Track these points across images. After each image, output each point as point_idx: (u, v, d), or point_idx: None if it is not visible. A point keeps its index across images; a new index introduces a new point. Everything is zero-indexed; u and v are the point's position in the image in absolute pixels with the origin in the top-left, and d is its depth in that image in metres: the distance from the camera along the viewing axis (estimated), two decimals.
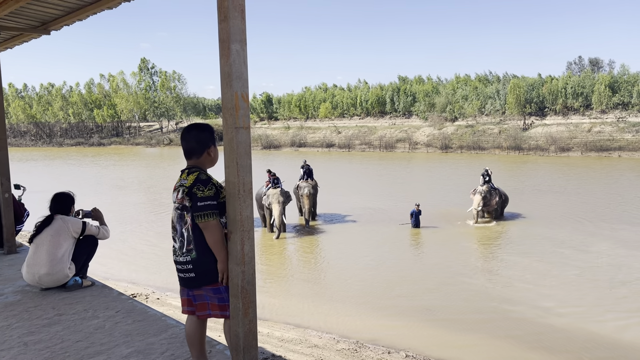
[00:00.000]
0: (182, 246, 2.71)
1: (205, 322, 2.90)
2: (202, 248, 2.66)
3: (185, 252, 2.70)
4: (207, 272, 2.68)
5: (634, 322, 7.79)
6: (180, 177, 2.75)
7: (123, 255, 12.13)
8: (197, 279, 2.70)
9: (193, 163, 2.78)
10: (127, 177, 30.32)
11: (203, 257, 2.67)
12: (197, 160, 2.78)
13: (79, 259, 4.75)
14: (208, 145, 2.78)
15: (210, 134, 2.82)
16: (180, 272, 2.75)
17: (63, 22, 5.47)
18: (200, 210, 2.61)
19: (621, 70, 44.09)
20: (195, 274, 2.69)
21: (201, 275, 2.69)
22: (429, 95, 50.44)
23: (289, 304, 9.03)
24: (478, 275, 10.31)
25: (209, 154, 2.78)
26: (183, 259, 2.71)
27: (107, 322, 3.88)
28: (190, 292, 2.77)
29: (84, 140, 69.59)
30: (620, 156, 36.44)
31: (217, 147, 2.82)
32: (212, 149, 2.78)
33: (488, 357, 6.83)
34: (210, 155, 2.79)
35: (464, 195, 18.52)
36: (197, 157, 2.77)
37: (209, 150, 2.77)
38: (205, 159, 2.78)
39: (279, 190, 14.37)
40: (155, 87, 71.24)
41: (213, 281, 2.69)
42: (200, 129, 2.82)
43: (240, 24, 2.60)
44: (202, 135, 2.79)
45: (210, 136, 2.81)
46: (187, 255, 2.69)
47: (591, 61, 55.53)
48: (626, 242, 12.46)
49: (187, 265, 2.70)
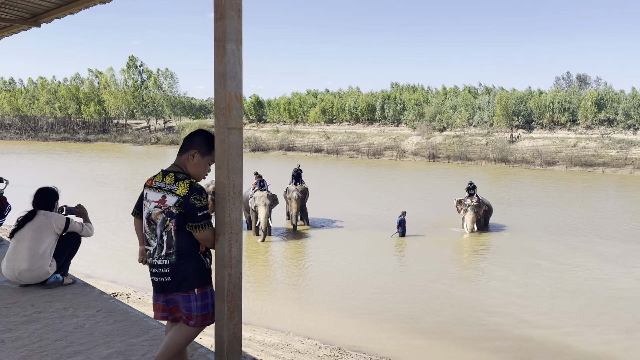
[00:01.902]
0: (161, 249, 2.59)
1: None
2: (182, 254, 2.57)
3: (163, 256, 2.58)
4: (183, 278, 2.57)
5: (607, 335, 7.88)
6: (162, 178, 2.62)
7: (105, 253, 11.97)
8: (172, 284, 2.59)
9: (176, 161, 2.69)
10: (112, 174, 30.00)
11: (182, 263, 2.57)
12: (179, 159, 2.69)
13: (61, 255, 4.66)
14: (192, 147, 2.67)
15: (202, 142, 2.69)
16: (154, 276, 2.64)
17: (54, 14, 5.39)
18: (200, 221, 2.56)
19: (605, 89, 44.79)
20: (172, 279, 2.58)
21: (177, 281, 2.58)
22: (419, 104, 50.73)
23: (271, 308, 8.97)
24: (460, 285, 10.36)
25: (191, 157, 2.67)
26: (161, 262, 2.59)
27: (87, 322, 3.80)
28: (164, 297, 2.68)
29: (69, 136, 68.67)
30: (604, 172, 36.95)
31: (205, 160, 2.69)
32: (194, 153, 2.66)
33: None
34: (193, 159, 2.66)
35: (450, 205, 18.61)
36: (180, 155, 2.70)
37: (192, 153, 2.66)
38: (186, 160, 2.67)
39: (265, 193, 14.30)
40: (144, 84, 70.69)
41: (188, 289, 2.59)
42: (200, 133, 2.75)
43: (236, 23, 2.57)
44: (195, 138, 2.72)
45: (200, 143, 2.68)
46: (166, 259, 2.58)
47: (579, 77, 56.37)
48: (604, 256, 12.65)
49: (164, 269, 2.59)
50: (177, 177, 2.60)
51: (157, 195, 2.61)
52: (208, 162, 2.72)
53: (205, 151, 2.69)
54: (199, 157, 2.67)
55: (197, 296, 2.61)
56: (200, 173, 2.71)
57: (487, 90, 51.83)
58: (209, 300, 2.67)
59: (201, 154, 2.68)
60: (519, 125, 44.72)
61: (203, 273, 2.65)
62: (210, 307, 2.68)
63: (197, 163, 2.68)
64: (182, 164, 2.69)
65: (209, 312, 2.67)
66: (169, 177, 2.60)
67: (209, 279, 2.70)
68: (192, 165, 2.67)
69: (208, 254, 2.72)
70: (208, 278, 2.69)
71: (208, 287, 2.68)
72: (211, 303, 2.69)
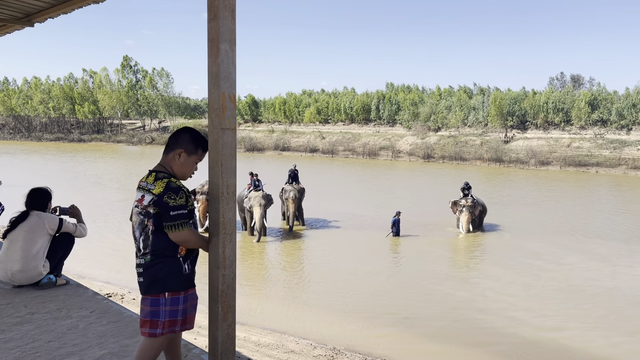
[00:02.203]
0: (139, 249, 2.57)
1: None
2: (157, 255, 2.51)
3: (140, 256, 2.57)
4: (154, 280, 2.50)
5: (598, 334, 7.93)
6: (146, 178, 2.59)
7: (99, 254, 11.93)
8: (143, 285, 2.55)
9: (162, 161, 2.64)
10: (106, 174, 29.89)
11: (155, 264, 2.51)
12: (165, 158, 2.63)
13: (54, 256, 4.64)
14: (178, 146, 2.61)
15: (188, 141, 2.63)
16: (137, 276, 2.63)
17: (47, 14, 5.37)
18: (173, 220, 2.47)
19: (598, 89, 45.04)
20: (144, 279, 2.54)
21: (147, 282, 2.52)
22: (414, 105, 50.84)
23: (266, 308, 8.97)
24: (455, 284, 10.39)
25: (177, 156, 2.60)
26: (138, 261, 2.58)
27: (80, 322, 3.79)
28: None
29: (63, 136, 68.33)
30: (597, 172, 37.14)
31: (191, 159, 2.63)
32: (180, 152, 2.60)
33: None
34: (179, 159, 2.60)
35: (444, 205, 18.66)
36: (166, 154, 2.63)
37: (178, 152, 2.60)
38: (172, 159, 2.61)
39: (260, 193, 14.29)
40: (139, 84, 70.44)
41: (158, 292, 2.50)
42: (185, 131, 2.68)
43: (230, 23, 2.57)
44: (181, 136, 2.65)
45: (185, 142, 2.62)
46: (142, 258, 2.55)
47: (572, 77, 56.65)
48: (596, 255, 12.73)
49: (139, 268, 2.56)
50: (157, 176, 2.55)
51: (138, 195, 2.59)
52: (195, 161, 2.67)
53: (192, 150, 2.63)
54: (185, 156, 2.62)
55: (167, 300, 2.51)
56: (186, 172, 2.66)
57: (482, 90, 51.97)
58: (179, 306, 2.55)
59: (187, 153, 2.62)
60: (513, 126, 44.89)
61: (177, 278, 2.54)
62: (181, 315, 2.57)
63: (183, 162, 2.62)
64: (167, 164, 2.63)
65: (177, 319, 2.56)
66: (151, 177, 2.56)
67: (185, 285, 2.58)
68: (178, 164, 2.62)
69: (191, 259, 2.62)
70: (184, 284, 2.57)
71: (181, 294, 2.56)
72: (182, 310, 2.56)
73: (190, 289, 2.62)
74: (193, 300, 2.65)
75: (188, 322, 2.63)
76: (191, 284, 2.63)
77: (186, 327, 2.63)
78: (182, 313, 2.57)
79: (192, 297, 2.64)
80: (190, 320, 2.64)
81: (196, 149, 2.65)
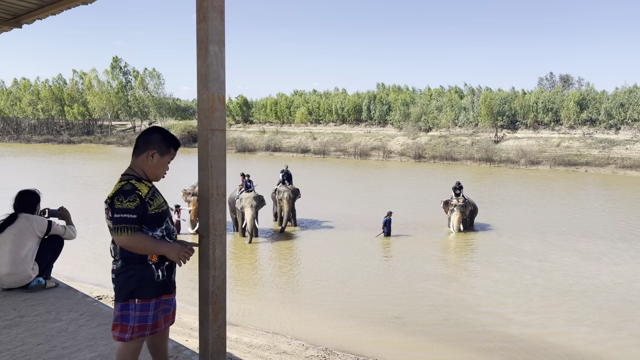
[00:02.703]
0: (112, 255, 2.56)
1: (166, 330, 2.74)
2: (126, 260, 2.47)
3: (113, 261, 2.55)
4: (123, 287, 2.47)
5: (585, 331, 8.02)
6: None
7: (89, 256, 11.86)
8: (115, 290, 2.53)
9: (132, 163, 2.59)
10: (96, 175, 29.70)
11: (125, 270, 2.47)
12: (135, 160, 2.57)
13: (44, 259, 4.61)
14: (150, 147, 2.55)
15: (159, 141, 2.57)
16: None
17: (36, 15, 5.33)
18: (115, 223, 2.39)
19: (587, 89, 45.45)
20: (115, 285, 2.52)
21: (118, 288, 2.50)
22: (405, 105, 51.00)
23: (258, 309, 8.96)
24: (446, 284, 10.45)
25: (149, 158, 2.55)
26: (112, 267, 2.56)
27: (70, 325, 3.77)
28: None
29: (52, 137, 67.83)
30: (587, 171, 37.46)
31: (164, 160, 2.59)
32: (153, 153, 2.55)
33: None
34: (152, 160, 2.55)
35: (435, 204, 18.74)
36: (136, 156, 2.57)
37: (151, 154, 2.55)
38: (144, 161, 2.55)
39: (252, 194, 14.27)
40: (129, 85, 70.04)
41: (127, 298, 2.47)
42: (156, 131, 2.62)
43: (219, 25, 2.57)
44: (151, 137, 2.59)
45: (157, 142, 2.56)
46: (115, 264, 2.53)
47: (562, 77, 57.11)
48: (586, 254, 12.86)
49: (112, 274, 2.54)
50: (121, 179, 2.51)
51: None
52: (167, 161, 2.62)
53: (164, 150, 2.58)
54: (158, 157, 2.57)
55: (137, 306, 2.48)
56: (159, 173, 2.61)
57: (472, 90, 52.24)
58: (150, 312, 2.51)
59: (160, 153, 2.57)
60: (503, 126, 45.18)
61: (148, 284, 2.49)
62: (151, 320, 2.52)
63: (156, 163, 2.57)
64: (137, 166, 2.57)
65: (147, 324, 2.51)
66: (118, 183, 2.51)
67: (158, 291, 2.52)
68: (151, 166, 2.56)
69: (167, 266, 2.56)
70: (156, 290, 2.52)
71: (152, 300, 2.51)
72: (152, 316, 2.52)
73: (164, 296, 2.57)
74: (166, 305, 2.60)
75: (159, 325, 2.58)
76: (165, 290, 2.57)
77: (156, 330, 2.58)
78: (153, 318, 2.53)
79: (165, 302, 2.59)
80: (160, 323, 2.59)
81: (168, 149, 2.61)
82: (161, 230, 2.53)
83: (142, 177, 2.55)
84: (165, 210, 2.59)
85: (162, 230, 2.54)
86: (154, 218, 2.49)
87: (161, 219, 2.53)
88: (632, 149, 37.39)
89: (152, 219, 2.49)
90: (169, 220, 2.62)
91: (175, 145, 2.65)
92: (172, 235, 2.60)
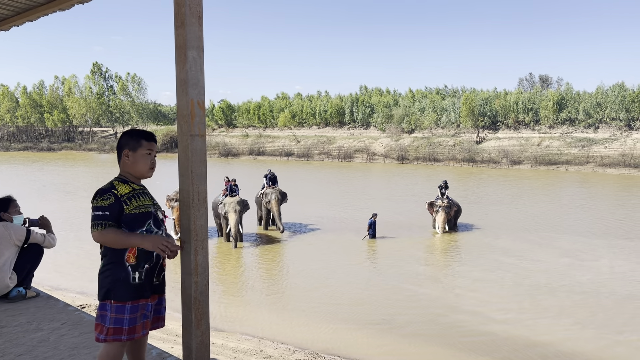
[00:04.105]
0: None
1: (144, 337, 2.75)
2: (105, 262, 2.55)
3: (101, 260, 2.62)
4: (101, 286, 2.54)
5: (566, 327, 8.14)
6: None
7: (72, 264, 11.69)
8: (98, 288, 2.58)
9: (119, 171, 2.70)
10: (77, 182, 29.31)
11: (104, 271, 2.54)
12: (120, 166, 2.68)
13: (23, 268, 4.54)
14: (122, 148, 2.65)
15: (127, 139, 2.66)
16: None
17: (12, 22, 5.26)
18: (91, 220, 2.50)
19: (566, 89, 46.24)
20: (98, 283, 2.58)
21: (98, 287, 2.56)
22: (388, 107, 51.30)
23: (244, 314, 8.93)
24: (429, 284, 10.53)
25: (125, 158, 2.64)
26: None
27: (51, 335, 3.72)
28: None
29: (32, 145, 66.85)
30: (567, 170, 38.04)
31: (139, 154, 2.63)
32: (126, 152, 2.63)
33: None
34: (128, 159, 2.63)
35: (419, 205, 18.88)
36: (119, 162, 2.69)
37: (125, 154, 2.64)
38: (124, 164, 2.66)
39: (236, 198, 14.20)
40: (110, 91, 69.35)
41: (104, 298, 2.52)
42: (124, 133, 2.72)
43: (197, 30, 2.58)
44: (121, 140, 2.69)
45: (125, 141, 2.66)
46: (101, 263, 2.61)
47: (541, 78, 58.02)
48: (563, 251, 13.13)
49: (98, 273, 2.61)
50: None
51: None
52: (144, 154, 2.64)
53: (134, 144, 2.64)
54: (132, 154, 2.63)
55: (113, 307, 2.51)
56: (141, 168, 2.65)
57: (453, 92, 52.75)
58: (125, 315, 2.51)
59: (132, 149, 2.63)
60: (485, 126, 45.68)
61: (123, 286, 2.50)
62: (127, 324, 2.52)
63: (133, 160, 2.63)
64: (123, 170, 2.67)
65: (123, 327, 2.51)
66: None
67: (133, 295, 2.53)
68: (130, 164, 2.64)
69: (146, 269, 2.56)
70: (131, 293, 2.52)
71: (127, 303, 2.52)
72: (128, 319, 2.51)
73: (141, 300, 2.56)
74: (144, 310, 2.59)
75: (136, 331, 2.56)
76: (142, 294, 2.57)
77: (133, 336, 2.57)
78: (129, 322, 2.53)
79: (143, 307, 2.58)
80: (138, 329, 2.57)
81: (138, 142, 2.65)
82: (141, 232, 2.56)
83: (130, 179, 2.63)
84: (148, 212, 2.61)
85: (143, 232, 2.57)
86: (133, 218, 2.54)
87: (141, 221, 2.57)
88: (611, 147, 38.09)
89: (131, 219, 2.54)
90: (152, 223, 2.62)
91: (145, 136, 2.68)
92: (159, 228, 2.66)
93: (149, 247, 2.51)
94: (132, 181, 2.64)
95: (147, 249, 2.53)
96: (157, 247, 2.50)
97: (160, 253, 2.53)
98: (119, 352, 2.57)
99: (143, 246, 2.51)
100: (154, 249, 2.51)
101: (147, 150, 2.65)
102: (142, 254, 2.55)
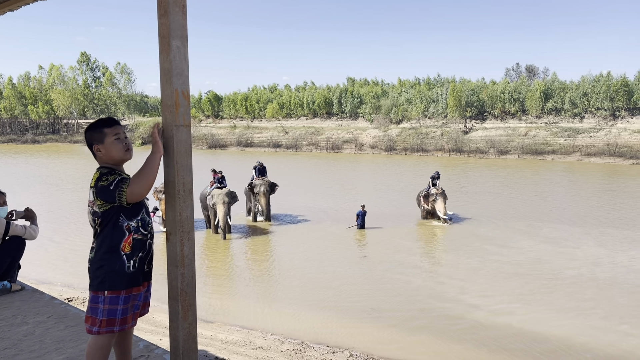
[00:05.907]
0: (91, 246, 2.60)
1: (132, 328, 2.72)
2: (99, 250, 2.50)
3: (90, 252, 2.57)
4: (95, 276, 2.49)
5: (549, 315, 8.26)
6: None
7: (59, 257, 11.59)
8: (89, 280, 2.54)
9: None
10: (62, 174, 28.99)
11: (97, 260, 2.50)
12: (98, 162, 2.64)
13: (4, 261, 4.48)
14: (91, 146, 2.61)
15: (91, 134, 2.60)
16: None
17: None
18: (114, 192, 2.44)
19: (552, 78, 46.51)
20: (89, 274, 2.54)
21: (90, 278, 2.53)
22: (376, 97, 51.27)
23: (233, 305, 8.93)
24: (416, 274, 10.62)
25: (97, 152, 2.59)
26: (89, 257, 2.58)
27: (37, 328, 3.69)
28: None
29: (16, 137, 65.89)
30: (553, 159, 38.40)
31: (107, 143, 2.56)
32: (96, 147, 2.58)
33: (427, 353, 7.02)
34: (101, 152, 2.58)
35: (407, 196, 18.97)
36: (96, 159, 2.64)
37: (95, 148, 2.59)
38: (100, 158, 2.60)
39: (224, 190, 14.14)
40: (96, 82, 68.44)
41: (97, 289, 2.48)
42: (86, 130, 2.65)
43: (181, 19, 2.54)
44: (87, 135, 2.64)
45: (90, 136, 2.61)
46: (91, 254, 2.56)
47: (527, 68, 58.22)
48: (547, 239, 13.32)
49: (88, 264, 2.56)
50: (97, 170, 2.59)
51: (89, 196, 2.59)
52: (111, 140, 2.57)
53: (99, 136, 2.59)
54: (101, 146, 2.58)
55: (106, 298, 2.48)
56: (115, 155, 2.59)
57: (442, 82, 52.81)
58: (119, 306, 2.50)
59: (99, 141, 2.58)
60: (472, 116, 45.88)
61: (118, 275, 2.48)
62: (120, 314, 2.50)
63: (105, 152, 2.58)
64: (102, 163, 2.61)
65: (116, 318, 2.50)
66: (95, 174, 2.58)
67: (128, 283, 2.51)
68: (104, 156, 2.59)
69: (140, 257, 2.56)
70: (127, 282, 2.51)
71: (122, 293, 2.50)
72: (121, 310, 2.51)
73: (134, 289, 2.55)
74: (135, 300, 2.58)
75: (127, 322, 2.56)
76: (136, 282, 2.56)
77: (124, 327, 2.56)
78: (122, 313, 2.52)
79: (135, 297, 2.57)
80: (129, 320, 2.57)
81: (101, 132, 2.59)
82: (137, 221, 2.55)
83: (115, 169, 2.59)
84: (141, 201, 2.60)
85: (138, 220, 2.56)
86: (132, 207, 2.53)
87: (137, 210, 2.57)
88: (596, 136, 38.48)
89: (130, 208, 2.53)
90: (145, 212, 2.64)
91: (106, 124, 2.62)
92: (147, 226, 2.62)
93: (160, 150, 2.54)
94: (117, 170, 2.59)
95: (161, 152, 2.55)
96: (156, 138, 2.56)
97: (157, 136, 2.55)
98: (109, 343, 2.56)
99: (159, 155, 2.53)
100: (158, 143, 2.54)
101: (114, 136, 2.59)
102: (138, 243, 2.54)
